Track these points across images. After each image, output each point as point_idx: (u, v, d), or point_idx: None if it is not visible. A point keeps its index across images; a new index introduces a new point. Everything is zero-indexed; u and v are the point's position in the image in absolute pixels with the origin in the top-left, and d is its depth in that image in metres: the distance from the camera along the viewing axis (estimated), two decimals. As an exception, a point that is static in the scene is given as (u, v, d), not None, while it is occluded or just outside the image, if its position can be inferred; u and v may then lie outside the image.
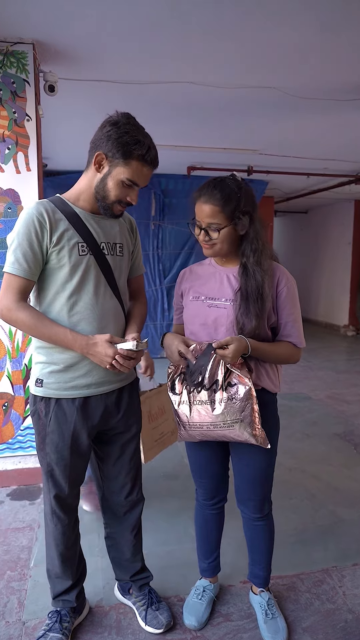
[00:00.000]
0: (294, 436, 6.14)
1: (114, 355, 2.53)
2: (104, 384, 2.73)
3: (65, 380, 2.66)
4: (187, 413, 2.70)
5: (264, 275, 2.68)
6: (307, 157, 8.69)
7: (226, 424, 2.60)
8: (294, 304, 2.81)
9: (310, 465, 5.32)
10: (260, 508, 2.99)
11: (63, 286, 2.60)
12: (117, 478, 2.98)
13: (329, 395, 8.00)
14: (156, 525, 4.08)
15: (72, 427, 2.68)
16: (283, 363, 2.88)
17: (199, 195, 2.72)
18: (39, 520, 4.18)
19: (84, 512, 4.21)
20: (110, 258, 2.73)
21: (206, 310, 2.78)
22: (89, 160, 2.64)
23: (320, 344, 12.53)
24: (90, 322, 2.64)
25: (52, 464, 2.74)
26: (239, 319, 2.67)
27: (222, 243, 2.71)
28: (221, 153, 8.48)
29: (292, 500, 4.55)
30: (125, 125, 2.54)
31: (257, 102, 5.87)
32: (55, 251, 2.56)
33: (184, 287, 2.98)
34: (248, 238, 2.74)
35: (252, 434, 2.61)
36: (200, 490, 3.16)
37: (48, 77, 4.68)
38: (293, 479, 4.99)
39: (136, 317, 2.91)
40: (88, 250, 2.63)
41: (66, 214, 2.62)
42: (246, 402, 2.58)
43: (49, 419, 2.68)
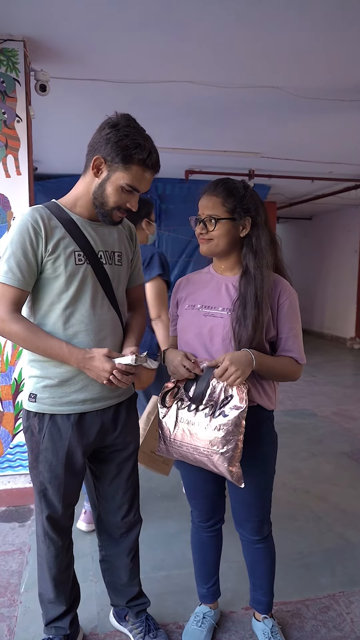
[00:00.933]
0: (298, 455, 6.14)
1: (112, 370, 2.53)
2: (101, 399, 2.72)
3: (60, 395, 2.65)
4: (171, 429, 2.71)
5: (264, 282, 2.69)
6: (311, 160, 8.72)
7: (208, 451, 2.60)
8: (295, 318, 2.82)
9: (316, 485, 5.32)
10: (258, 530, 2.99)
11: (59, 297, 2.60)
12: (113, 498, 2.97)
13: (335, 411, 7.99)
14: (153, 549, 4.08)
15: (67, 444, 2.67)
16: (284, 380, 2.88)
17: (204, 191, 2.77)
18: (29, 543, 4.18)
19: (77, 533, 4.21)
20: (108, 267, 2.73)
21: (201, 320, 2.78)
22: (87, 165, 2.63)
23: (325, 357, 12.54)
24: (87, 334, 2.63)
25: (45, 482, 2.72)
26: (235, 328, 2.67)
27: (218, 238, 2.72)
28: (221, 156, 8.51)
29: (297, 523, 4.54)
30: (125, 128, 2.54)
31: (259, 102, 5.91)
32: (51, 260, 2.55)
33: (180, 296, 2.99)
34: (251, 242, 2.76)
35: (228, 469, 2.59)
36: (195, 512, 3.16)
37: (39, 76, 4.70)
38: (298, 500, 4.99)
39: (134, 329, 2.90)
40: (85, 259, 2.63)
41: (62, 221, 2.62)
42: (232, 435, 2.56)
43: (43, 435, 2.67)
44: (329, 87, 5.46)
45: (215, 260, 2.92)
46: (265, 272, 2.72)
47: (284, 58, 4.79)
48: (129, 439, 2.91)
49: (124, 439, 2.88)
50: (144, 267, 4.31)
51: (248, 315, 2.64)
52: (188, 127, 7.05)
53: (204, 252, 2.79)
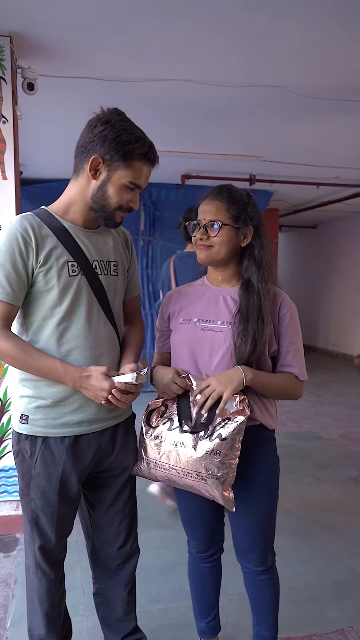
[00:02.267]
0: (303, 481, 6.15)
1: (111, 389, 2.51)
2: (97, 421, 2.71)
3: (54, 417, 2.63)
4: (158, 450, 2.70)
5: (266, 294, 2.72)
6: (316, 164, 8.76)
7: (199, 475, 2.59)
8: (296, 331, 2.84)
9: (322, 513, 5.34)
10: (262, 560, 2.99)
11: (52, 311, 2.59)
12: (109, 527, 2.95)
13: (342, 434, 8.01)
14: (149, 580, 4.08)
15: (61, 469, 2.65)
16: (283, 398, 2.90)
17: (205, 195, 2.80)
18: (15, 574, 4.18)
19: (65, 564, 4.20)
20: (103, 278, 2.73)
21: (199, 335, 2.79)
22: (78, 167, 2.63)
23: (331, 376, 12.56)
24: (82, 351, 2.63)
25: (37, 510, 2.69)
26: (236, 342, 2.68)
27: (220, 245, 2.74)
28: (220, 160, 8.54)
29: (302, 553, 4.55)
30: (120, 123, 2.54)
31: (262, 102, 5.94)
32: (42, 272, 2.55)
33: (172, 310, 2.99)
34: (253, 253, 2.79)
35: (222, 494, 2.59)
36: (193, 542, 3.16)
37: (27, 73, 4.71)
38: (303, 529, 5.00)
39: (132, 345, 2.90)
40: (79, 270, 2.62)
41: (54, 229, 2.60)
42: (228, 459, 2.56)
43: (35, 460, 2.65)
44: (337, 86, 5.48)
45: (212, 270, 2.93)
46: (270, 286, 2.75)
47: (289, 55, 4.80)
48: (126, 463, 2.89)
49: (121, 463, 2.86)
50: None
51: (250, 330, 2.66)
52: (185, 129, 7.09)
53: (202, 259, 2.80)
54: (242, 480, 2.67)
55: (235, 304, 2.78)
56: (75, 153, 2.67)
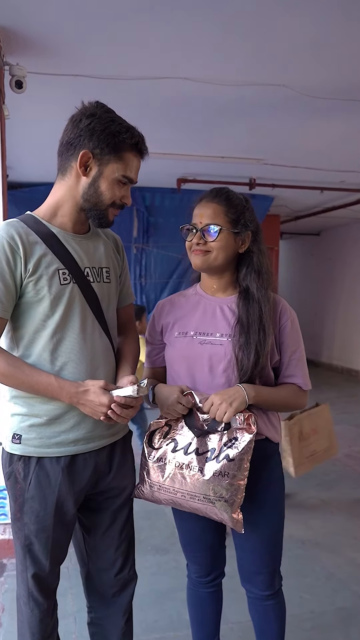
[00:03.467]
0: (307, 503, 6.15)
1: (110, 404, 2.49)
2: (94, 438, 2.69)
3: (49, 436, 2.61)
4: (162, 473, 2.70)
5: (267, 303, 2.73)
6: (321, 168, 8.75)
7: (207, 498, 2.60)
8: (298, 340, 2.86)
9: (327, 537, 5.34)
10: (270, 583, 2.98)
11: (43, 323, 2.57)
12: (106, 552, 2.91)
13: (348, 453, 8.00)
14: (144, 609, 4.07)
15: (57, 491, 2.61)
16: (287, 411, 2.91)
17: (201, 198, 2.81)
18: (2, 602, 4.17)
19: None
20: (96, 286, 2.72)
21: (197, 349, 2.79)
22: (65, 166, 2.63)
23: (336, 392, 12.53)
24: (78, 364, 2.61)
25: (31, 536, 2.64)
26: (238, 355, 2.69)
27: (218, 251, 2.74)
28: (218, 163, 8.54)
29: (307, 579, 4.56)
30: (106, 114, 2.55)
31: (263, 102, 5.95)
32: (32, 281, 2.53)
33: (165, 322, 2.98)
34: (251, 259, 2.81)
35: (230, 516, 2.59)
36: (193, 566, 3.15)
37: (15, 70, 4.72)
38: (307, 554, 5.01)
39: (128, 356, 2.89)
40: (70, 278, 2.61)
41: (42, 236, 2.58)
42: (237, 480, 2.57)
43: (29, 482, 2.61)
44: (343, 85, 5.49)
45: (206, 278, 2.93)
46: (270, 294, 2.77)
47: (293, 52, 4.81)
48: (124, 483, 2.87)
49: (119, 484, 2.84)
50: None
51: (252, 341, 2.67)
52: (181, 130, 7.11)
53: (198, 265, 2.80)
54: (249, 498, 2.66)
55: (234, 315, 2.79)
56: (59, 152, 2.66)
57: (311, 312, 16.15)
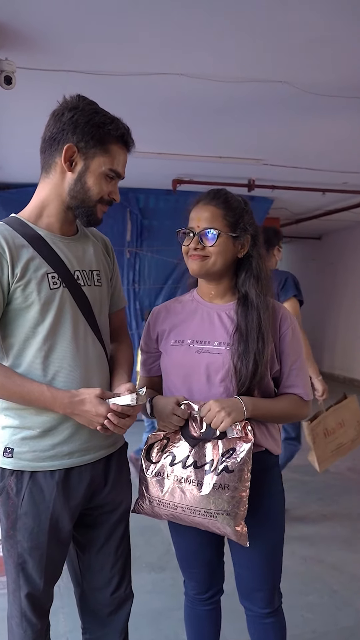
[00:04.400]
0: (308, 518, 6.15)
1: (107, 413, 2.47)
2: (90, 450, 2.68)
3: (43, 449, 2.59)
4: (161, 488, 2.70)
5: (266, 310, 2.73)
6: (322, 168, 8.74)
7: (208, 512, 2.60)
8: (299, 348, 2.87)
9: (330, 553, 5.34)
10: (269, 600, 2.98)
11: (34, 330, 2.56)
12: (101, 571, 2.89)
13: (351, 467, 8.01)
14: (139, 628, 4.03)
15: (51, 507, 2.60)
16: (287, 422, 2.91)
17: (198, 200, 2.81)
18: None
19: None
20: (87, 290, 2.71)
21: (194, 358, 2.79)
22: (49, 162, 2.62)
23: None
24: (71, 372, 2.60)
25: (24, 554, 2.62)
26: (237, 365, 2.69)
27: (216, 256, 2.74)
28: (216, 163, 8.54)
29: (309, 597, 4.56)
30: (89, 106, 2.56)
31: (263, 99, 5.94)
32: (20, 287, 2.52)
33: (161, 330, 2.98)
34: (250, 264, 2.81)
35: (234, 529, 2.60)
36: (191, 583, 3.14)
37: (4, 65, 4.70)
38: (309, 571, 5.01)
39: (123, 363, 2.88)
40: (60, 282, 2.60)
41: (28, 238, 2.57)
42: (238, 492, 2.57)
43: (22, 497, 2.59)
44: (347, 82, 5.48)
45: (204, 284, 2.93)
46: (269, 300, 2.77)
47: (295, 47, 4.79)
48: (120, 497, 2.87)
49: (114, 498, 2.84)
50: (280, 289, 5.20)
51: (250, 349, 2.67)
52: (177, 128, 7.11)
53: (196, 271, 2.79)
54: (247, 511, 2.64)
55: (232, 322, 2.79)
56: (41, 148, 2.65)
57: (312, 320, 16.11)
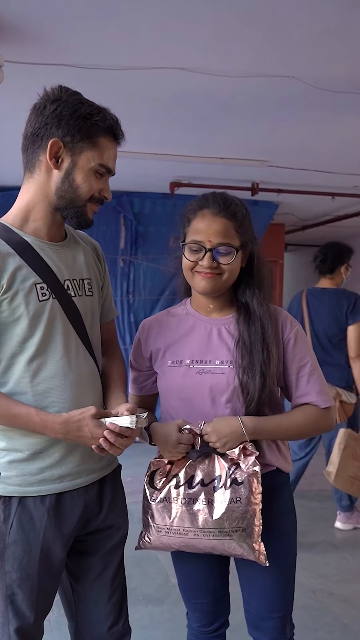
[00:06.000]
0: (317, 547, 6.14)
1: (102, 435, 2.46)
2: (82, 473, 2.67)
3: (32, 472, 2.57)
4: (168, 514, 2.68)
5: (268, 319, 2.74)
6: (332, 171, 8.72)
7: (223, 531, 2.58)
8: (305, 352, 2.85)
9: (341, 585, 5.34)
10: (281, 630, 2.97)
11: (22, 346, 2.55)
12: (97, 603, 2.87)
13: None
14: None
15: (42, 535, 2.58)
16: (309, 436, 2.90)
17: (200, 207, 2.76)
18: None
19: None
20: (78, 300, 2.70)
21: (196, 380, 2.77)
22: (32, 161, 2.61)
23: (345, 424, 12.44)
24: (62, 391, 2.59)
25: (13, 586, 2.58)
26: (243, 381, 2.68)
27: (229, 273, 2.73)
28: (217, 165, 8.51)
29: (318, 633, 4.55)
30: (72, 97, 2.56)
31: (269, 96, 5.91)
32: (7, 299, 2.50)
33: (155, 348, 2.96)
34: (252, 272, 2.82)
35: (251, 547, 2.60)
36: (195, 615, 3.12)
37: (-10, 59, 4.71)
38: (318, 604, 5.00)
39: (117, 380, 2.87)
40: (50, 293, 2.58)
41: (14, 246, 2.55)
42: (251, 505, 2.58)
43: (10, 525, 2.56)
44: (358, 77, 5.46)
45: (201, 297, 2.89)
46: (271, 307, 2.77)
47: (304, 40, 4.76)
48: (116, 522, 2.85)
49: (110, 523, 2.82)
50: (349, 311, 5.69)
51: (256, 362, 2.67)
52: (176, 127, 7.09)
53: (207, 290, 2.77)
54: None
55: (232, 337, 2.79)
56: (23, 147, 2.65)
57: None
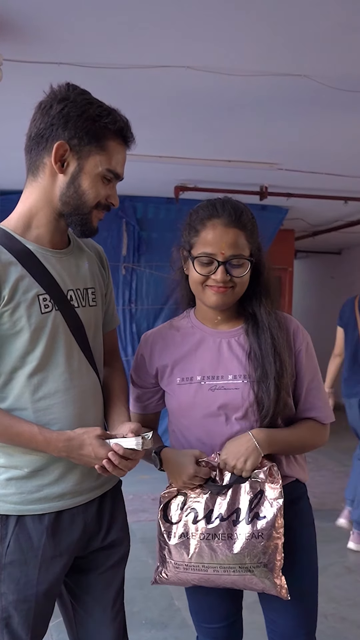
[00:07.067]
0: (329, 570, 6.12)
1: (106, 456, 2.44)
2: (83, 491, 2.65)
3: (31, 490, 2.55)
4: (186, 550, 2.66)
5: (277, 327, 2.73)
6: (345, 174, 8.69)
7: (244, 567, 2.57)
8: (314, 364, 2.87)
9: (354, 610, 5.33)
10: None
11: (22, 360, 2.52)
12: (100, 628, 2.82)
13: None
14: None
15: (40, 555, 2.55)
16: (304, 452, 2.90)
17: (212, 215, 2.72)
18: None
19: None
20: (81, 312, 2.67)
21: (208, 396, 2.76)
22: (36, 164, 2.58)
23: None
24: (64, 408, 2.57)
25: (9, 608, 2.55)
26: (258, 395, 2.67)
27: (242, 285, 2.72)
28: (224, 168, 8.51)
29: (331, 660, 4.52)
30: (81, 96, 2.52)
31: (279, 95, 5.90)
32: (8, 311, 2.47)
33: (161, 365, 2.93)
34: (258, 280, 2.80)
35: (273, 582, 2.58)
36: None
37: (-12, 57, 4.71)
38: (330, 629, 4.99)
39: (120, 395, 2.86)
40: (52, 305, 2.56)
41: (16, 254, 2.51)
42: (273, 540, 2.56)
43: (7, 544, 2.53)
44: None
45: (209, 310, 2.86)
46: (279, 315, 2.77)
47: (315, 36, 4.75)
48: (118, 537, 2.82)
49: (110, 540, 2.80)
50: None
51: (269, 374, 2.65)
52: (181, 128, 7.11)
53: (219, 304, 2.75)
54: None
55: (243, 350, 2.77)
56: (27, 148, 2.62)
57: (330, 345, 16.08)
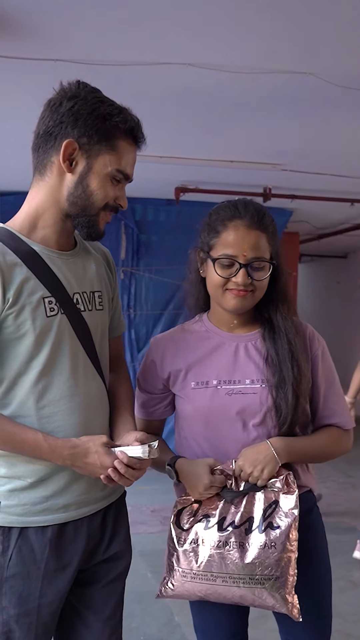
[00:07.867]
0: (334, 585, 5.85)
1: (112, 464, 2.43)
2: (87, 502, 2.64)
3: (34, 502, 2.54)
4: (195, 558, 2.64)
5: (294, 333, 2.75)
6: (351, 175, 8.67)
7: (254, 579, 2.55)
8: (332, 369, 2.91)
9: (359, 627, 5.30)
10: None
11: (27, 365, 2.51)
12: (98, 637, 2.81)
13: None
14: None
15: (43, 568, 2.54)
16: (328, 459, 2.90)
17: (234, 215, 2.72)
18: None
19: None
20: (87, 316, 2.67)
21: (225, 401, 2.75)
22: (44, 162, 2.58)
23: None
24: (69, 415, 2.56)
25: (11, 622, 2.53)
26: (276, 401, 2.67)
27: (262, 289, 2.73)
28: (226, 168, 8.51)
29: None
30: (92, 94, 2.52)
31: (284, 94, 5.89)
32: (12, 314, 2.46)
33: (174, 370, 2.92)
34: (275, 285, 2.80)
35: (284, 597, 2.55)
36: None
37: (-17, 54, 4.71)
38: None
39: (125, 402, 2.85)
40: (58, 308, 2.55)
41: (21, 255, 2.51)
42: (286, 552, 2.54)
43: (9, 557, 2.52)
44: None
45: (225, 314, 2.86)
46: (295, 321, 2.79)
47: (321, 32, 4.74)
48: (120, 550, 2.82)
49: (112, 552, 2.79)
50: None
51: (287, 380, 2.66)
52: (182, 128, 7.11)
53: (239, 308, 2.75)
54: None
55: (260, 355, 2.78)
56: (34, 146, 2.62)
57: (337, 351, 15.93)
